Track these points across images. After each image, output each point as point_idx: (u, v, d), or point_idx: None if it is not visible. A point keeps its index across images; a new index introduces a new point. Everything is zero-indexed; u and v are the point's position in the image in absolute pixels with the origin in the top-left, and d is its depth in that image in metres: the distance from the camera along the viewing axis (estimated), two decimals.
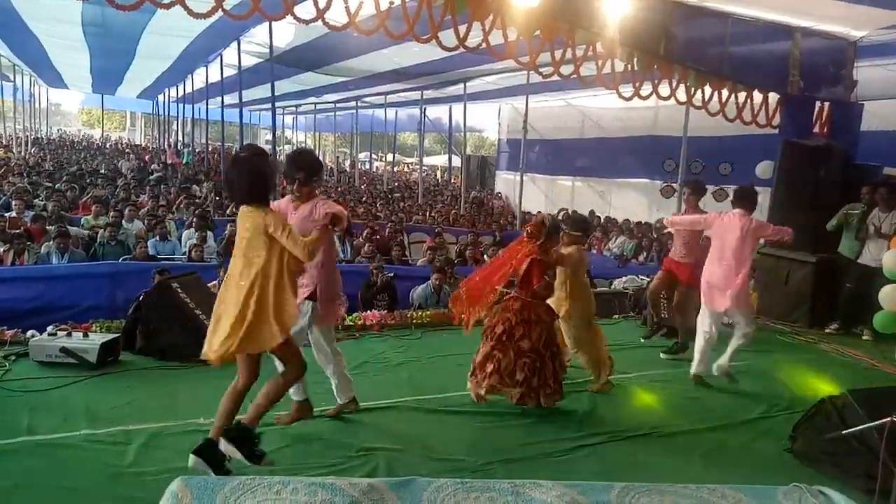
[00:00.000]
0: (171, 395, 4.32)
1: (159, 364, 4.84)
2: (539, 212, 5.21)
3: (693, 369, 5.13)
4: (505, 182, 20.81)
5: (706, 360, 5.09)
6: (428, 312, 6.69)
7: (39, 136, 29.24)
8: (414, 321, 6.51)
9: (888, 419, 2.61)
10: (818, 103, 8.26)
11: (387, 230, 11.13)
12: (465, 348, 5.68)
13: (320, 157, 34.54)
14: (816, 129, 8.26)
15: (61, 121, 49.05)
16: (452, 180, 24.96)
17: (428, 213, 14.95)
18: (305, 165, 3.67)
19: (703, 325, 5.11)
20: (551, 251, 4.42)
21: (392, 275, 7.36)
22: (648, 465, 3.77)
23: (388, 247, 9.74)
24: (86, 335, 4.97)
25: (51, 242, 7.36)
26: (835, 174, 7.49)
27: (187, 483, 1.30)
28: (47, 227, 8.28)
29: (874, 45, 8.06)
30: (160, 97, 26.53)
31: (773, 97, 8.43)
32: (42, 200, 10.69)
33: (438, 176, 31.19)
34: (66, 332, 4.98)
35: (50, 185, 13.01)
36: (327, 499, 1.27)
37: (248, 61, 13.23)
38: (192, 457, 2.93)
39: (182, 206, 11.86)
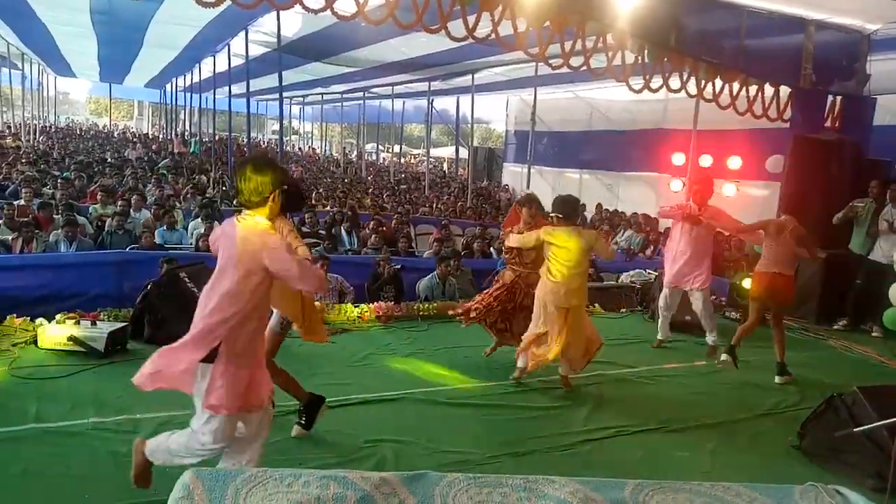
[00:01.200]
0: None
1: None
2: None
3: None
4: (512, 174, 20.73)
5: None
6: (434, 304, 6.69)
7: (47, 124, 29.30)
8: (420, 313, 6.51)
9: None
10: (830, 97, 8.18)
11: (393, 222, 11.11)
12: (471, 340, 5.69)
13: (327, 148, 33.84)
14: (828, 124, 8.18)
15: (69, 109, 49.12)
16: (459, 172, 24.88)
17: (435, 205, 14.92)
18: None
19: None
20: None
21: (399, 266, 7.35)
22: (656, 459, 3.76)
23: (395, 238, 9.72)
24: (94, 324, 4.99)
25: (59, 231, 7.38)
26: (846, 169, 7.43)
27: (199, 474, 1.30)
28: (55, 216, 8.29)
29: (888, 38, 7.96)
30: (168, 86, 26.52)
31: (785, 91, 8.35)
32: (50, 189, 10.71)
33: (445, 168, 31.11)
34: (74, 321, 5.00)
35: (58, 173, 13.03)
36: (339, 492, 1.26)
37: (256, 51, 13.19)
38: None
39: (188, 195, 11.88)
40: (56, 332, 4.82)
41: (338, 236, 9.55)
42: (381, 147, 33.01)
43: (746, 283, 6.58)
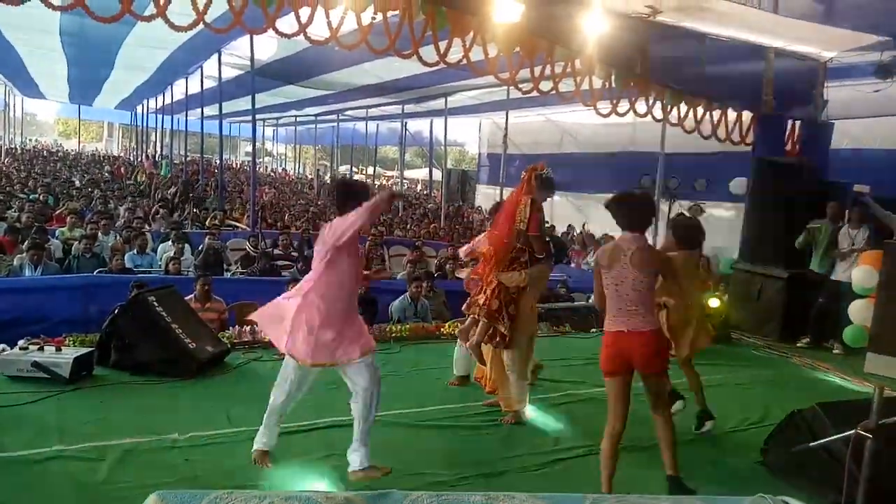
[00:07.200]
0: (145, 410, 4.27)
1: (133, 379, 4.77)
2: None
3: None
4: (485, 196, 20.89)
5: None
6: (407, 326, 6.69)
7: (13, 146, 28.75)
8: (393, 335, 6.50)
9: (853, 431, 2.67)
10: (790, 122, 8.47)
11: (367, 243, 11.10)
12: (442, 362, 5.71)
13: (302, 170, 33.84)
14: (788, 147, 8.47)
15: (36, 131, 48.26)
16: (433, 194, 24.98)
17: (408, 227, 14.96)
18: None
19: None
20: None
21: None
22: (622, 478, 3.78)
23: (368, 260, 9.71)
24: (58, 349, 4.88)
25: (24, 255, 7.24)
26: (806, 191, 7.67)
27: (163, 498, 1.30)
28: (20, 239, 8.12)
29: (843, 66, 8.29)
30: (139, 108, 26.29)
31: (747, 115, 8.62)
32: (15, 212, 10.51)
33: (418, 189, 31.22)
34: (38, 346, 4.87)
35: (24, 195, 12.81)
36: None
37: (229, 73, 13.20)
38: None
39: (157, 216, 11.73)
40: (19, 358, 4.71)
41: (310, 258, 9.51)
42: (354, 169, 33.02)
43: (713, 303, 6.74)
